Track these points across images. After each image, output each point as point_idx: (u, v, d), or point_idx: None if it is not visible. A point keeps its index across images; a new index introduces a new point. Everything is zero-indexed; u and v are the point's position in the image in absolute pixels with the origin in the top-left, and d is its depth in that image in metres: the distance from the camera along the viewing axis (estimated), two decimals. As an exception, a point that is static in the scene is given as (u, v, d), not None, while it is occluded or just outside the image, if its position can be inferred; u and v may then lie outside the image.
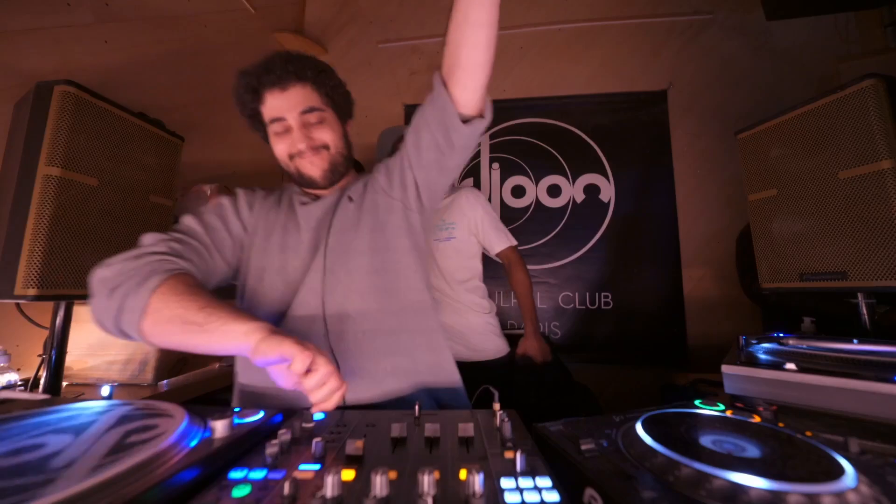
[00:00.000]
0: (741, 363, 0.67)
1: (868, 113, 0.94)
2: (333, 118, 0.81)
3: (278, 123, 0.77)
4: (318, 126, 0.78)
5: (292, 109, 0.76)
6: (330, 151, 0.79)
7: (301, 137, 0.76)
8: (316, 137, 0.77)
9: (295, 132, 0.76)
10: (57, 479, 0.33)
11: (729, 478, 0.35)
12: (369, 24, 2.29)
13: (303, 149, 0.76)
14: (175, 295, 0.58)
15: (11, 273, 0.79)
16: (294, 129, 0.76)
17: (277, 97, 0.76)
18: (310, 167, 0.78)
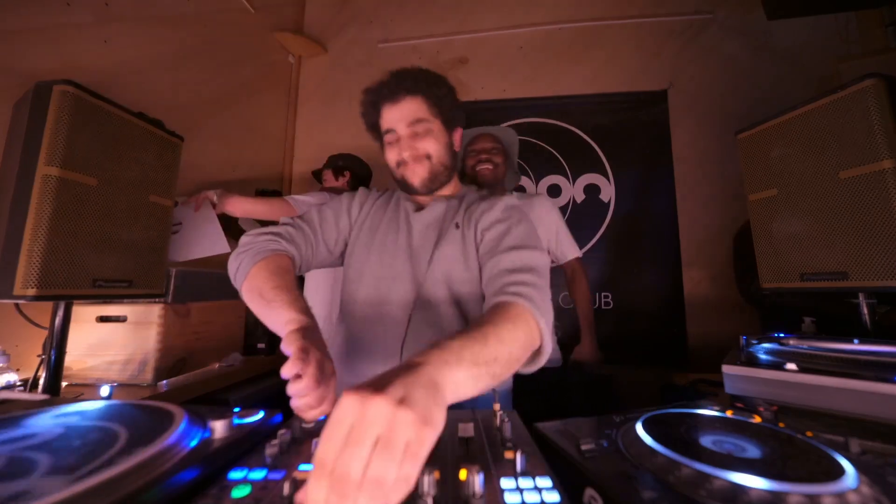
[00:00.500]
0: (742, 363, 0.67)
1: (868, 113, 0.94)
2: (440, 128, 0.86)
3: (390, 134, 0.84)
4: (424, 137, 0.83)
5: (402, 121, 0.83)
6: (431, 161, 0.84)
7: (406, 147, 0.83)
8: (419, 147, 0.83)
9: (403, 141, 0.83)
10: (57, 479, 0.33)
11: (729, 478, 0.35)
12: (369, 23, 2.28)
13: (406, 158, 0.83)
14: (265, 271, 0.70)
15: (10, 273, 0.79)
16: (402, 138, 0.83)
17: (390, 110, 0.84)
18: (411, 175, 0.84)
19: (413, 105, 0.83)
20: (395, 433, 0.31)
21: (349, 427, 0.32)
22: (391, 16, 2.27)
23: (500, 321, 0.55)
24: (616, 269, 1.92)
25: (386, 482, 0.30)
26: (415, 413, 0.32)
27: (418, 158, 0.83)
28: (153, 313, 1.11)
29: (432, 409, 0.34)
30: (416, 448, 0.31)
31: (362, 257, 0.86)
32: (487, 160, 1.35)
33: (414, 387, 0.35)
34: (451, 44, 2.19)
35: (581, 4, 2.09)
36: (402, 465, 0.30)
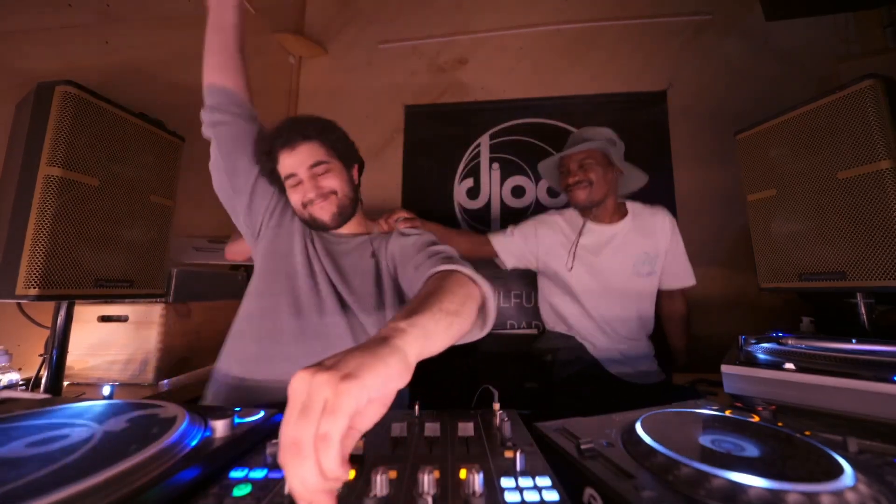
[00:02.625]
0: (740, 363, 0.68)
1: (867, 113, 0.94)
2: (339, 166, 0.93)
3: (292, 178, 0.89)
4: (325, 175, 0.90)
5: (301, 165, 0.88)
6: (338, 196, 0.91)
7: (311, 187, 0.88)
8: (324, 185, 0.89)
9: (305, 183, 0.88)
10: (57, 479, 0.34)
11: (728, 477, 0.35)
12: (369, 24, 2.28)
13: (313, 197, 0.88)
14: None
15: (13, 273, 0.79)
16: (304, 180, 0.88)
17: (289, 156, 0.88)
18: (320, 212, 0.90)
19: (309, 150, 0.89)
20: (312, 396, 0.32)
21: (300, 404, 0.33)
22: (391, 17, 2.27)
23: (434, 282, 0.59)
24: (616, 269, 1.92)
25: (303, 442, 0.31)
26: (331, 372, 0.33)
27: (325, 196, 0.89)
28: (154, 313, 1.12)
29: (364, 361, 0.35)
30: (333, 403, 0.32)
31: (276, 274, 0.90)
32: (577, 182, 1.25)
33: (350, 352, 0.36)
34: (451, 44, 2.19)
35: (581, 5, 2.09)
36: (320, 423, 0.31)
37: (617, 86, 2.02)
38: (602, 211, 1.32)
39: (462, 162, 2.08)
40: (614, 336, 1.29)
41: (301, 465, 0.31)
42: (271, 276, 0.90)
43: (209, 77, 0.93)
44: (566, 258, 1.30)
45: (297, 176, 0.88)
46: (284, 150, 0.88)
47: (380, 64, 2.24)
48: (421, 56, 2.20)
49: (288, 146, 0.87)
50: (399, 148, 2.14)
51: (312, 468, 0.30)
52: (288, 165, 0.88)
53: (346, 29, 2.32)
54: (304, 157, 0.88)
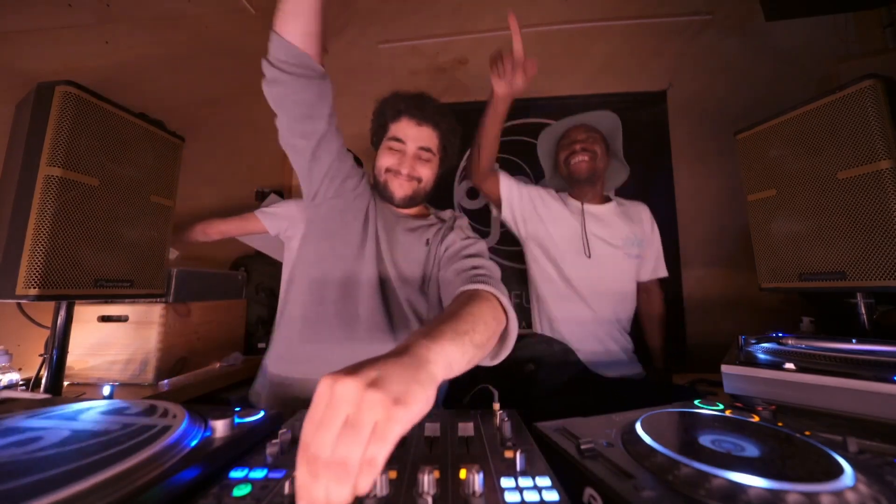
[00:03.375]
0: (740, 363, 0.68)
1: (867, 113, 0.94)
2: (437, 163, 0.99)
3: (397, 143, 0.93)
4: (425, 163, 0.95)
5: (415, 141, 0.93)
6: (419, 184, 0.96)
7: (408, 164, 0.93)
8: (418, 170, 0.95)
9: (407, 157, 0.93)
10: (57, 479, 0.34)
11: (728, 477, 0.35)
12: (369, 24, 2.28)
13: (403, 172, 0.93)
14: None
15: (13, 273, 0.79)
16: (407, 154, 0.93)
17: (412, 127, 0.93)
18: (398, 188, 0.95)
19: (430, 134, 0.94)
20: (361, 413, 0.31)
21: (324, 409, 0.32)
22: (391, 17, 2.27)
23: (465, 301, 0.59)
24: (616, 269, 1.92)
25: (350, 463, 0.30)
26: (383, 393, 0.32)
27: (411, 178, 0.94)
28: (154, 313, 1.12)
29: (410, 388, 0.34)
30: (384, 428, 0.31)
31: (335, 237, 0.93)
32: (583, 150, 1.25)
33: (391, 367, 0.35)
34: (451, 44, 2.19)
35: (581, 5, 2.09)
36: (369, 446, 0.31)
37: (617, 86, 2.02)
38: (593, 193, 1.33)
39: (462, 162, 2.08)
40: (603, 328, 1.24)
41: (342, 484, 0.30)
42: (326, 247, 0.92)
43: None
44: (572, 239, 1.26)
45: (404, 145, 0.92)
46: (411, 120, 0.92)
47: (380, 64, 2.24)
48: (421, 56, 2.20)
49: (417, 118, 0.91)
50: (399, 148, 2.14)
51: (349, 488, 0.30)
52: (404, 132, 0.92)
53: (346, 29, 2.32)
54: (422, 137, 0.92)
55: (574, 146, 1.27)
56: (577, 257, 1.25)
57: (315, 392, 0.33)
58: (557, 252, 1.26)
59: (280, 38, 0.73)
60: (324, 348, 0.85)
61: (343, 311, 0.86)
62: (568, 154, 1.28)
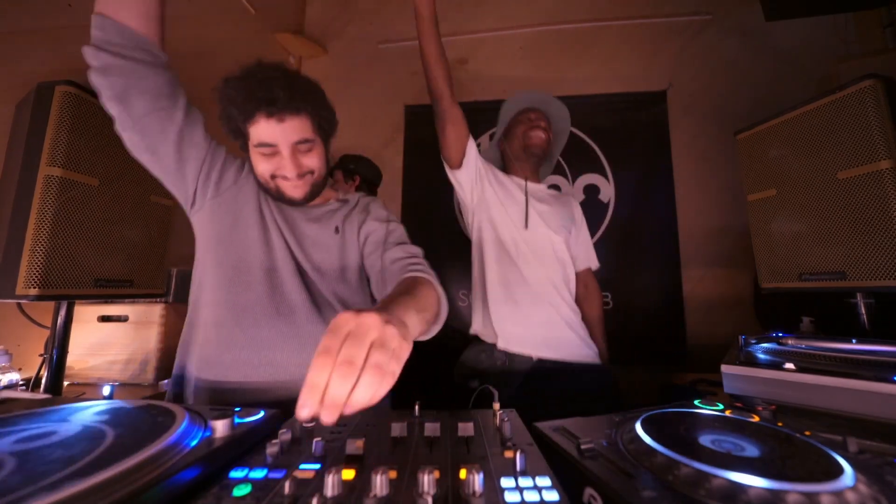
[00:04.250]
0: (740, 363, 0.68)
1: (867, 113, 0.94)
2: (320, 144, 0.84)
3: (267, 148, 0.78)
4: (308, 154, 0.81)
5: (286, 139, 0.77)
6: (314, 175, 0.83)
7: (291, 166, 0.78)
8: (304, 164, 0.81)
9: (285, 160, 0.78)
10: (57, 479, 0.34)
11: (728, 477, 0.35)
12: (369, 24, 2.29)
13: (290, 175, 0.79)
14: None
15: (13, 273, 0.79)
16: (284, 156, 0.78)
17: (273, 126, 0.76)
18: (293, 190, 0.82)
19: (298, 125, 0.77)
20: (386, 339, 0.40)
21: (347, 332, 0.39)
22: (391, 16, 2.27)
23: (415, 286, 0.67)
24: (615, 269, 1.92)
25: (384, 369, 0.38)
26: (398, 329, 0.42)
27: (302, 175, 0.81)
28: (154, 313, 1.12)
29: (407, 332, 0.45)
30: (399, 353, 0.41)
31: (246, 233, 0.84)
32: (542, 129, 1.28)
33: (392, 315, 0.45)
34: (451, 44, 2.18)
35: (581, 5, 2.09)
36: (391, 362, 0.39)
37: (617, 86, 2.02)
38: (533, 173, 1.34)
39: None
40: (549, 298, 1.19)
41: (373, 384, 0.37)
42: (223, 252, 0.83)
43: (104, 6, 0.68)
44: (516, 210, 1.24)
45: (276, 148, 0.77)
46: (269, 119, 0.74)
47: (380, 64, 2.24)
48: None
49: (275, 116, 0.74)
50: (399, 148, 2.14)
51: (374, 389, 0.37)
52: (267, 135, 0.76)
53: (346, 29, 2.32)
54: (290, 133, 0.76)
55: (534, 122, 1.29)
56: (520, 228, 1.23)
57: (333, 322, 0.40)
58: (501, 220, 1.23)
59: (110, 20, 0.66)
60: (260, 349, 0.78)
61: (271, 307, 0.80)
62: (528, 127, 1.29)
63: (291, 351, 0.78)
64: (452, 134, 1.15)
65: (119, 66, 0.67)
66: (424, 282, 0.71)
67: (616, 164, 1.98)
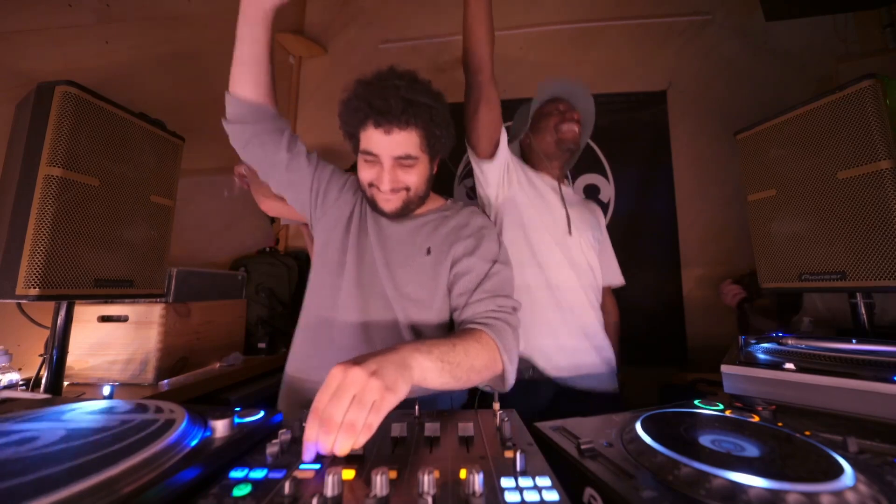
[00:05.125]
0: (740, 363, 0.68)
1: (867, 113, 0.94)
2: (425, 161, 0.82)
3: (370, 156, 0.79)
4: (407, 170, 0.80)
5: (389, 152, 0.77)
6: (409, 193, 0.82)
7: (387, 179, 0.79)
8: (401, 180, 0.80)
9: (384, 172, 0.79)
10: (57, 479, 0.34)
11: (728, 477, 0.35)
12: (370, 24, 2.29)
13: (385, 188, 0.79)
14: None
15: (13, 273, 0.79)
16: (384, 168, 0.78)
17: (380, 137, 0.76)
18: (384, 203, 0.82)
19: (404, 139, 0.76)
20: (365, 394, 0.44)
21: (335, 387, 0.44)
22: (391, 16, 2.27)
23: (469, 339, 0.65)
24: (616, 269, 1.92)
25: (356, 426, 0.43)
26: (381, 382, 0.45)
27: (396, 190, 0.80)
28: (154, 313, 1.12)
29: (398, 381, 0.47)
30: (379, 405, 0.45)
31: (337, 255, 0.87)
32: (573, 120, 1.16)
33: (386, 363, 0.48)
34: (451, 44, 2.19)
35: (581, 5, 2.09)
36: (369, 415, 0.44)
37: (617, 86, 2.02)
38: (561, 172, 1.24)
39: (462, 162, 2.08)
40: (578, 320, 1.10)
41: (349, 438, 0.42)
42: (322, 268, 0.88)
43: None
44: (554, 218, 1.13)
45: (378, 158, 0.77)
46: (378, 128, 0.75)
47: (380, 64, 2.22)
48: (421, 56, 2.20)
49: (384, 126, 0.74)
50: (399, 148, 2.14)
51: (352, 441, 0.42)
52: (372, 144, 0.77)
53: (347, 29, 2.32)
54: (394, 146, 0.76)
55: (566, 113, 1.17)
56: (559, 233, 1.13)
57: (329, 374, 0.45)
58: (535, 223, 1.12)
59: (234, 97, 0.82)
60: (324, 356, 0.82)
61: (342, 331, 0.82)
62: (559, 120, 1.17)
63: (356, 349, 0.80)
64: (486, 116, 0.99)
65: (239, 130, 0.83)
66: (483, 337, 0.67)
67: (616, 164, 1.98)
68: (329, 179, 0.91)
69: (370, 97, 0.75)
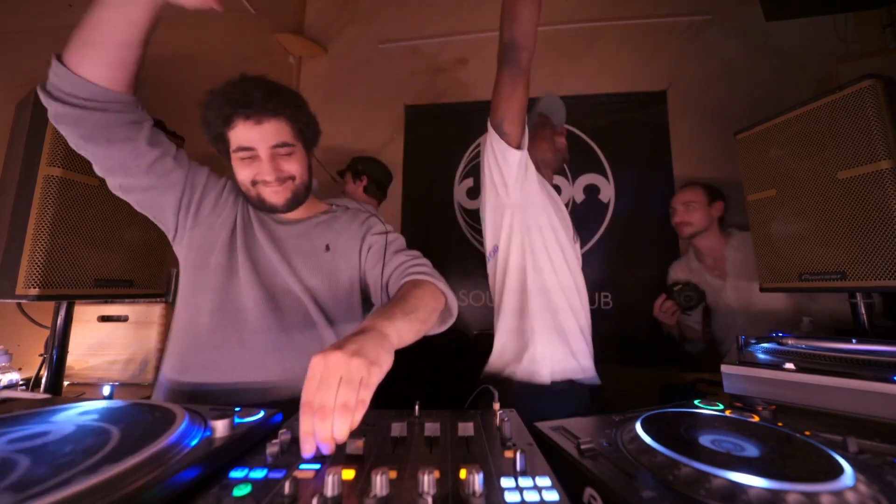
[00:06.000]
0: (740, 363, 0.68)
1: (866, 113, 0.94)
2: (301, 151, 0.84)
3: (245, 152, 0.78)
4: (287, 158, 0.81)
5: (264, 142, 0.78)
6: (295, 182, 0.83)
7: (269, 170, 0.79)
8: (284, 169, 0.81)
9: (264, 163, 0.78)
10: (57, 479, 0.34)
11: (728, 477, 0.35)
12: (369, 24, 2.29)
13: (269, 179, 0.79)
14: None
15: (13, 273, 0.79)
16: (263, 160, 0.78)
17: (251, 129, 0.77)
18: (273, 196, 0.82)
19: (278, 127, 0.78)
20: (351, 373, 0.45)
21: (319, 377, 0.44)
22: (391, 17, 2.27)
23: (409, 288, 0.71)
24: (616, 269, 1.92)
25: (350, 405, 0.43)
26: (364, 358, 0.46)
27: (282, 180, 0.80)
28: (154, 313, 1.12)
29: (379, 353, 0.49)
30: (367, 380, 0.45)
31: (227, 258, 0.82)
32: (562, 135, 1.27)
33: (364, 340, 0.49)
34: (451, 44, 2.19)
35: (581, 5, 2.09)
36: (360, 392, 0.44)
37: (617, 86, 2.02)
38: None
39: (462, 162, 2.08)
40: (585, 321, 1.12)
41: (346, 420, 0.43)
42: (201, 276, 0.81)
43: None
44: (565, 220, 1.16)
45: (255, 151, 0.77)
46: (246, 122, 0.75)
47: (380, 64, 2.24)
48: (421, 56, 2.20)
49: (252, 118, 0.75)
50: (399, 148, 2.14)
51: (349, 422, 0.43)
52: (246, 138, 0.77)
53: (346, 29, 2.32)
54: (268, 135, 0.77)
55: (557, 130, 1.26)
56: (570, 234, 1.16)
57: (309, 366, 0.45)
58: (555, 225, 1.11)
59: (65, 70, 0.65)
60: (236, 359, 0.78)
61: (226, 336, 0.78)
62: (553, 133, 1.25)
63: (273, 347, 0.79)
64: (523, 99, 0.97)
65: (73, 116, 0.67)
66: (420, 283, 0.73)
67: (616, 164, 1.98)
68: (205, 185, 0.85)
69: (232, 94, 0.76)
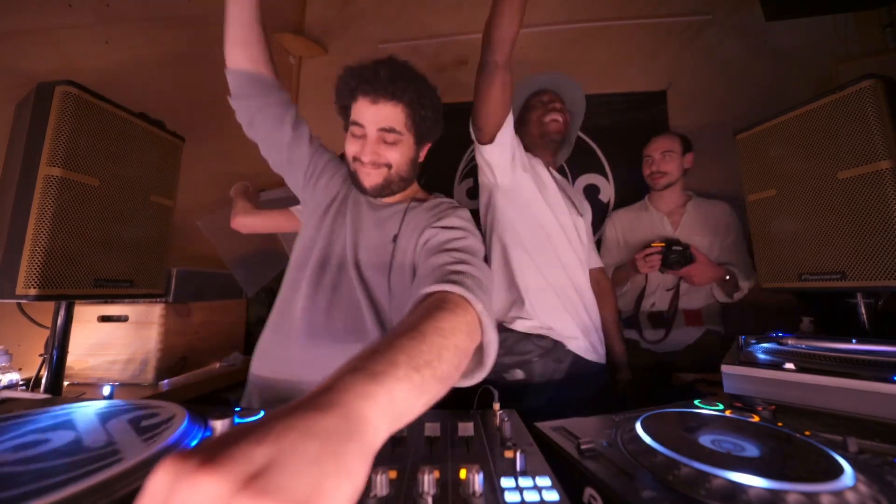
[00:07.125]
0: (740, 363, 0.68)
1: (867, 113, 0.94)
2: (409, 141, 0.84)
3: (357, 127, 0.82)
4: (390, 146, 0.82)
5: (374, 123, 0.80)
6: (390, 170, 0.83)
7: (370, 150, 0.81)
8: (383, 154, 0.82)
9: (368, 143, 0.81)
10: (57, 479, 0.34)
11: (728, 477, 0.35)
12: (370, 24, 2.28)
13: (366, 161, 0.82)
14: None
15: (13, 273, 0.79)
16: (369, 140, 0.81)
17: (367, 107, 0.79)
18: (365, 177, 0.84)
19: (390, 112, 0.79)
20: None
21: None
22: (392, 16, 2.27)
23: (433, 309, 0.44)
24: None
25: None
26: (278, 496, 0.19)
27: (377, 165, 0.82)
28: (154, 313, 1.12)
29: (325, 483, 0.21)
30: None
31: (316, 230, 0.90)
32: (559, 111, 1.21)
33: (296, 443, 0.22)
34: (451, 44, 2.19)
35: (581, 5, 2.09)
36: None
37: (617, 86, 2.02)
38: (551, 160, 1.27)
39: (462, 162, 2.08)
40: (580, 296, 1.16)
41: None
42: (295, 253, 0.91)
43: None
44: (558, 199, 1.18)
45: (364, 129, 0.80)
46: (365, 98, 0.79)
47: (380, 64, 2.24)
48: (421, 56, 2.20)
49: (370, 95, 0.78)
50: (399, 148, 2.14)
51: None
52: (360, 115, 0.80)
53: (347, 29, 2.32)
54: (380, 117, 0.79)
55: (549, 105, 1.22)
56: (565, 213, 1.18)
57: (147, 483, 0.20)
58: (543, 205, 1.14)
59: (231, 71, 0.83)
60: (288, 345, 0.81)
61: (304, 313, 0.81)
62: (542, 112, 1.21)
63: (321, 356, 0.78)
64: (498, 96, 0.98)
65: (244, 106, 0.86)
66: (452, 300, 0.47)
67: (616, 164, 1.98)
68: (324, 166, 0.94)
69: (362, 71, 0.80)
